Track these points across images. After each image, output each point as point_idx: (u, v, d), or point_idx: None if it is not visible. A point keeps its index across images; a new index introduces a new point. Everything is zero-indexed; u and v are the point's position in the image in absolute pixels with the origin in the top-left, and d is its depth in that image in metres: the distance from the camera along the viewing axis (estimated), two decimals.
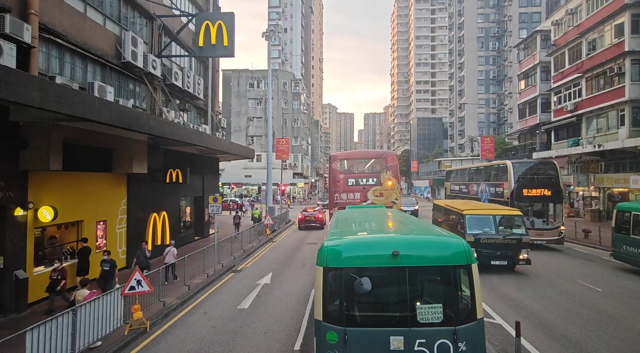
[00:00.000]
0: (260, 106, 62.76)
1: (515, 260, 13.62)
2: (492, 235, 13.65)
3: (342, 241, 5.99)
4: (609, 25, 25.19)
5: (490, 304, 10.56)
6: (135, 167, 14.16)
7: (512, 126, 56.97)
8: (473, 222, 14.10)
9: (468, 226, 14.01)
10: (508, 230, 14.01)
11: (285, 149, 36.78)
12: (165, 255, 13.43)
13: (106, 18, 14.22)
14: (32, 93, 7.72)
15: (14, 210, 10.10)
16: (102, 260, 11.42)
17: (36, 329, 6.66)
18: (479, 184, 24.33)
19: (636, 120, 23.91)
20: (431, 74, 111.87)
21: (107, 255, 11.40)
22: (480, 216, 14.23)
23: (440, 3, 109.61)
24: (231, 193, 57.18)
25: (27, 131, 10.26)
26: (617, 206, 15.19)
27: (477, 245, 13.48)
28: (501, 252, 13.55)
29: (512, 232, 13.85)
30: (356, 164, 20.92)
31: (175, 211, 19.77)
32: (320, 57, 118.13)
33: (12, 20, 9.48)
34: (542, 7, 61.08)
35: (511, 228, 14.04)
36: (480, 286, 5.52)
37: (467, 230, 13.91)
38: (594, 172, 28.32)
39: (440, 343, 5.15)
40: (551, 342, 8.25)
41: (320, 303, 5.44)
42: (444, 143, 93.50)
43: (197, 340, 8.68)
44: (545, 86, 34.47)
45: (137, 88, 16.55)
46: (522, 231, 13.91)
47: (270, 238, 23.15)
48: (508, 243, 13.53)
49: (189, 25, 19.44)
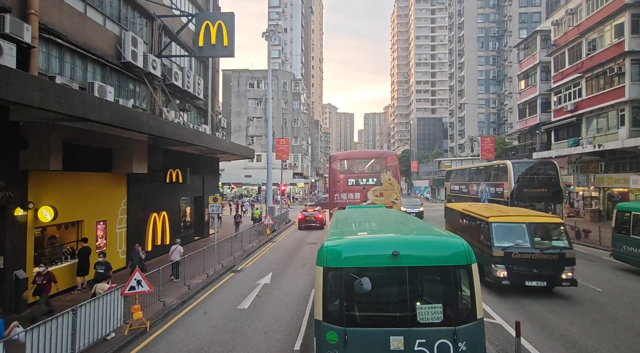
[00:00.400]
0: (260, 106, 62.76)
1: (556, 280, 11.09)
2: (527, 248, 11.11)
3: (342, 241, 5.99)
4: (609, 25, 25.19)
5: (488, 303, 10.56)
6: (135, 167, 14.16)
7: (512, 126, 56.98)
8: (502, 232, 11.54)
9: (495, 237, 11.47)
10: (546, 241, 11.53)
11: (285, 149, 36.78)
12: (172, 253, 13.70)
13: (106, 18, 14.22)
14: (32, 93, 7.72)
15: (14, 210, 10.10)
16: (97, 262, 11.14)
17: (36, 329, 6.66)
18: (479, 184, 24.33)
19: (636, 120, 23.90)
20: (431, 74, 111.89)
21: (102, 257, 11.14)
22: (510, 225, 11.69)
23: (440, 3, 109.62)
24: (231, 193, 57.21)
25: (27, 131, 10.26)
26: (617, 206, 15.19)
27: (507, 261, 11.13)
28: (539, 270, 11.01)
29: (552, 244, 11.37)
30: (356, 164, 20.91)
31: (175, 211, 19.77)
32: (320, 57, 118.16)
33: (12, 20, 9.48)
34: (542, 7, 61.09)
35: (550, 240, 11.58)
36: (480, 286, 5.52)
37: (493, 242, 11.42)
38: (594, 172, 28.31)
39: (440, 343, 5.15)
40: (551, 342, 8.25)
41: (320, 303, 5.45)
42: (444, 143, 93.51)
43: (197, 340, 8.68)
44: (545, 86, 34.47)
45: (137, 88, 16.55)
46: (565, 243, 11.36)
47: (270, 238, 23.15)
48: (547, 258, 11.05)
49: (189, 25, 19.44)
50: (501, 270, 11.11)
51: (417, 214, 30.25)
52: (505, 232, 11.56)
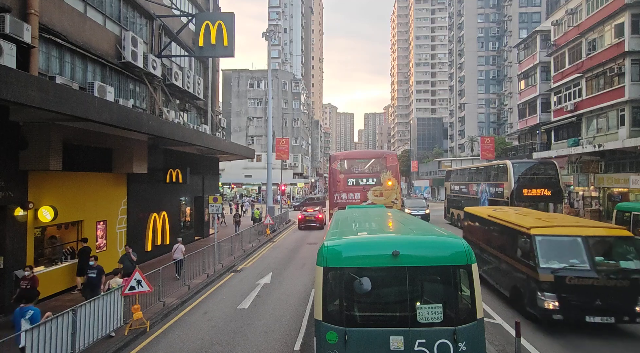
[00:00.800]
0: (260, 106, 62.76)
1: (629, 315, 8.20)
2: (586, 271, 8.32)
3: (342, 241, 5.99)
4: (609, 25, 25.18)
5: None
6: (135, 167, 14.16)
7: (512, 126, 56.96)
8: (549, 248, 8.82)
9: (541, 255, 8.73)
10: (611, 261, 8.62)
11: (285, 149, 36.78)
12: (174, 252, 13.83)
13: (106, 18, 14.22)
14: (32, 93, 7.72)
15: (14, 210, 10.10)
16: (88, 266, 10.30)
17: (36, 329, 6.66)
18: (479, 184, 24.33)
19: (636, 120, 23.90)
20: (431, 74, 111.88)
21: (93, 261, 10.32)
22: (561, 239, 8.95)
23: (440, 3, 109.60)
24: (231, 193, 57.21)
25: (27, 131, 10.26)
26: (617, 206, 15.20)
27: (559, 288, 8.36)
28: (603, 301, 8.18)
29: (620, 266, 8.45)
30: (356, 164, 20.92)
31: (175, 211, 19.77)
32: (320, 57, 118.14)
33: (12, 20, 9.48)
34: (542, 7, 61.07)
35: (616, 259, 8.69)
36: (480, 286, 5.52)
37: (539, 262, 8.67)
38: (594, 172, 28.30)
39: (440, 343, 5.15)
40: (551, 342, 8.25)
41: (320, 303, 5.45)
42: (444, 143, 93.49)
43: (197, 340, 8.68)
44: (545, 86, 34.46)
45: (137, 88, 16.55)
46: (638, 264, 8.46)
47: (270, 238, 23.15)
48: (615, 285, 8.22)
49: (189, 25, 19.44)
50: (551, 300, 8.34)
51: (423, 216, 27.18)
52: (554, 248, 8.82)
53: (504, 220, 10.90)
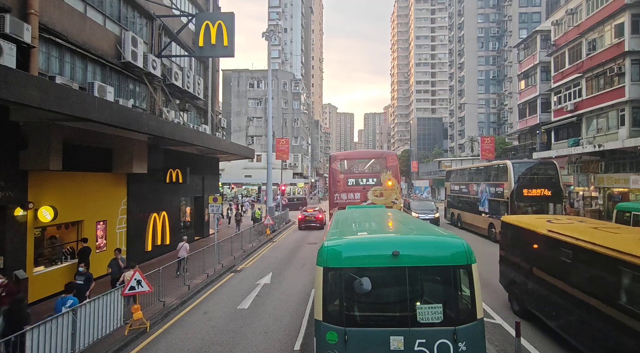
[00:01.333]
0: (260, 106, 62.76)
1: None
2: None
3: (342, 241, 5.99)
4: (609, 25, 25.18)
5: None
6: (135, 167, 14.16)
7: (512, 126, 56.97)
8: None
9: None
10: None
11: (285, 149, 36.77)
12: (179, 250, 14.07)
13: (106, 18, 14.22)
14: (32, 93, 7.72)
15: (14, 210, 10.10)
16: (76, 272, 9.90)
17: (36, 329, 6.66)
18: (479, 185, 24.32)
19: (636, 120, 23.89)
20: (431, 74, 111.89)
21: (82, 267, 10.01)
22: None
23: (440, 3, 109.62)
24: (231, 193, 57.21)
25: (27, 131, 10.26)
26: (617, 206, 15.19)
27: None
28: None
29: None
30: (356, 164, 20.92)
31: (175, 211, 19.76)
32: (320, 57, 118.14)
33: (12, 20, 9.48)
34: (542, 7, 61.08)
35: None
36: (480, 286, 5.52)
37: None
38: (594, 172, 28.30)
39: (440, 343, 5.15)
40: (551, 342, 8.24)
41: (320, 303, 5.45)
42: (444, 143, 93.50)
43: (197, 340, 8.68)
44: (545, 86, 34.46)
45: (137, 88, 16.55)
46: None
47: (270, 238, 23.15)
48: None
49: (189, 25, 19.44)
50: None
51: (433, 221, 24.22)
52: None
53: (592, 243, 6.69)
